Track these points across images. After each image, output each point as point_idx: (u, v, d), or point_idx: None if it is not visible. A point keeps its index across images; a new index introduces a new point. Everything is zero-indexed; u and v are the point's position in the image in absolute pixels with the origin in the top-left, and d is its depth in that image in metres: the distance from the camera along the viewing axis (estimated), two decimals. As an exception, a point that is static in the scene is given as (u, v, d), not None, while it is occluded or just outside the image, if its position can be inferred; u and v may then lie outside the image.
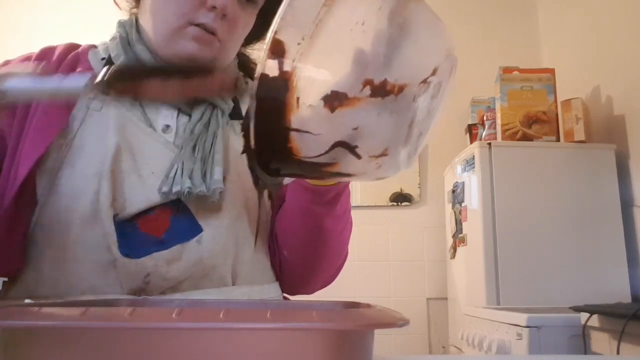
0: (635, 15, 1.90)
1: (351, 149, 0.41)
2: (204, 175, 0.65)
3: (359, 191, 2.54)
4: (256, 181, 0.48)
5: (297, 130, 0.40)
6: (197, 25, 0.66)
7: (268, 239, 0.75)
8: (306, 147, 0.41)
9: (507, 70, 2.06)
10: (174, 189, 0.63)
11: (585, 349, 1.30)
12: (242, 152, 0.44)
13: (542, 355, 1.28)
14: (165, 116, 0.69)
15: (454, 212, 2.16)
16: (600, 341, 1.25)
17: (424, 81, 0.41)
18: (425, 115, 0.44)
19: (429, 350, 2.46)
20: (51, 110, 0.65)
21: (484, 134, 2.11)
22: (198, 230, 0.65)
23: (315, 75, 0.39)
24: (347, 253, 0.78)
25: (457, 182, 2.13)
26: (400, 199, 2.59)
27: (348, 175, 0.46)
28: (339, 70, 0.39)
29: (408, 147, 0.44)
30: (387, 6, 0.40)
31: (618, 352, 1.11)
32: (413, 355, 0.64)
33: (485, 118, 2.12)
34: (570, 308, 1.35)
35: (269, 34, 0.39)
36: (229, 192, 0.67)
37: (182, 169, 0.64)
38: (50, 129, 0.63)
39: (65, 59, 0.70)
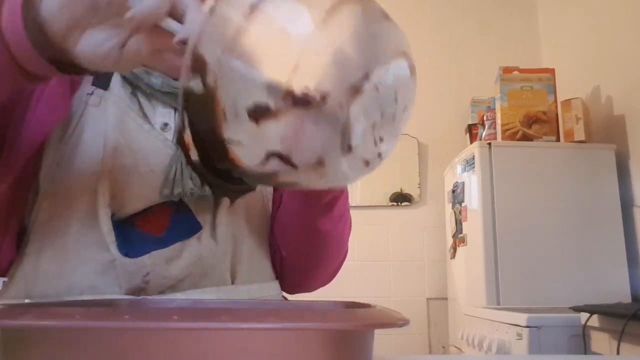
0: (635, 15, 1.90)
1: (285, 159, 0.41)
2: None
3: (359, 191, 2.54)
4: (205, 187, 0.48)
5: (230, 141, 0.40)
6: None
7: (268, 237, 0.75)
8: (244, 157, 0.41)
9: (507, 70, 2.06)
10: (176, 191, 0.63)
11: (585, 349, 1.30)
12: (187, 164, 0.44)
13: (542, 355, 1.28)
14: (163, 114, 0.69)
15: (454, 212, 2.16)
16: (600, 341, 1.25)
17: (353, 88, 0.40)
18: (381, 120, 0.43)
19: (429, 350, 2.46)
20: (55, 97, 0.64)
21: (484, 134, 2.11)
22: (197, 228, 0.65)
23: (237, 86, 0.39)
24: (346, 251, 0.78)
25: (457, 182, 2.13)
26: (400, 199, 2.59)
27: (295, 184, 0.46)
28: (260, 82, 0.39)
29: (355, 154, 0.42)
30: (313, 13, 0.39)
31: (618, 352, 1.11)
32: (413, 355, 0.64)
33: (485, 118, 2.13)
34: (570, 308, 1.36)
35: (189, 49, 0.39)
36: None
37: (182, 169, 0.64)
38: (51, 117, 0.63)
39: None
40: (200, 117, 0.40)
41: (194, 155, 0.43)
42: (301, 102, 0.39)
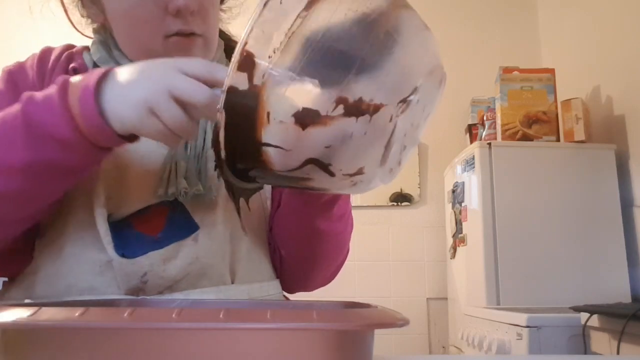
0: (635, 15, 1.90)
1: (324, 166, 0.40)
2: (198, 174, 0.65)
3: (359, 191, 2.54)
4: (228, 192, 0.48)
5: (268, 145, 0.39)
6: (173, 35, 0.64)
7: (267, 236, 0.75)
8: (278, 161, 0.40)
9: (507, 70, 2.06)
10: (170, 191, 0.63)
11: (585, 349, 1.30)
12: (215, 168, 0.44)
13: (542, 355, 1.28)
14: None
15: (454, 212, 2.16)
16: (600, 341, 1.25)
17: (403, 101, 0.39)
18: (410, 130, 0.42)
19: (429, 350, 2.46)
20: None
21: (484, 134, 2.11)
22: (194, 228, 0.65)
23: (286, 90, 0.38)
24: (347, 252, 0.78)
25: (457, 182, 2.13)
26: (400, 199, 2.59)
27: (322, 189, 0.44)
28: (312, 87, 0.37)
29: (387, 164, 0.42)
30: (367, 19, 0.38)
31: (618, 352, 1.11)
32: (413, 355, 0.64)
33: (485, 118, 2.12)
34: (570, 308, 1.36)
35: (238, 47, 0.38)
36: (223, 188, 0.67)
37: (176, 169, 0.64)
38: None
39: (62, 57, 0.71)
40: (240, 117, 0.39)
41: (223, 154, 0.41)
42: (353, 111, 0.37)
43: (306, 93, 0.37)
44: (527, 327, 1.37)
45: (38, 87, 0.67)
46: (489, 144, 1.91)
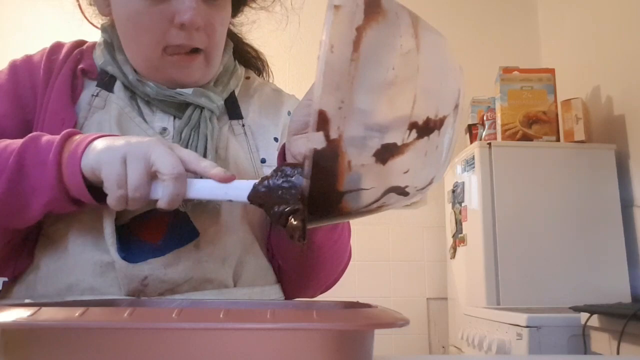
0: (635, 15, 1.90)
1: (401, 190, 0.43)
2: None
3: (359, 191, 2.54)
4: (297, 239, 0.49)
5: (348, 192, 0.41)
6: (174, 50, 0.64)
7: (267, 244, 0.75)
8: (356, 202, 0.42)
9: (507, 70, 2.06)
10: None
11: (585, 349, 1.30)
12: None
13: (542, 355, 1.28)
14: (162, 119, 0.69)
15: (454, 212, 2.16)
16: (600, 341, 1.25)
17: (456, 106, 0.43)
18: None
19: (429, 350, 2.46)
20: (59, 110, 0.65)
21: (484, 134, 2.11)
22: (195, 234, 0.65)
23: (362, 133, 0.39)
24: (349, 258, 0.77)
25: (457, 182, 2.13)
26: (400, 199, 2.59)
27: (387, 208, 0.47)
28: (383, 123, 0.40)
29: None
30: (406, 43, 0.40)
31: (618, 352, 1.11)
32: (413, 355, 0.64)
33: (485, 118, 2.12)
34: (570, 308, 1.36)
35: (314, 109, 0.38)
36: None
37: None
38: (59, 129, 0.63)
39: (71, 55, 0.71)
40: (321, 175, 0.39)
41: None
42: (425, 131, 0.41)
43: (380, 129, 0.40)
44: (527, 327, 1.37)
45: (43, 84, 0.67)
46: (489, 144, 1.91)
